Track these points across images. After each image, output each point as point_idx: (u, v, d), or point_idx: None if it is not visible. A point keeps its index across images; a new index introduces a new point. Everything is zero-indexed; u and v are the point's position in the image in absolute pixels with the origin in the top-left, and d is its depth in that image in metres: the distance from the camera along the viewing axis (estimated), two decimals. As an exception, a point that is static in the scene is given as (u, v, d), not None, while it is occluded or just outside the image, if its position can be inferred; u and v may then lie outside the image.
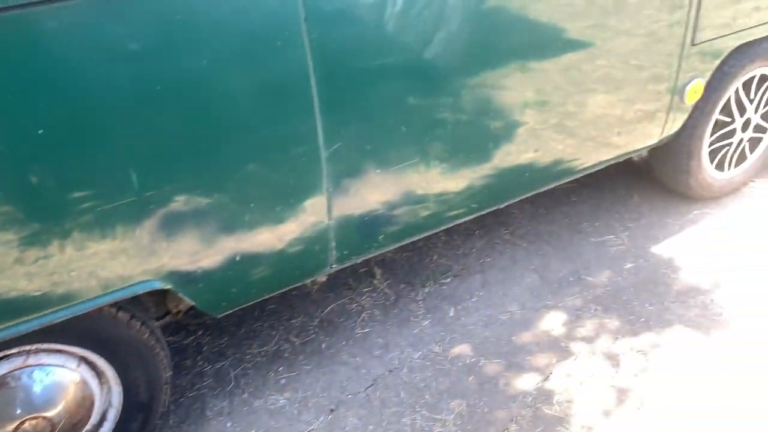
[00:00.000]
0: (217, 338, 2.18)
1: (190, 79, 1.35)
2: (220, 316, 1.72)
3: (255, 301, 1.77)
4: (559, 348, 2.02)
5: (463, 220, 2.04)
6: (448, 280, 2.33)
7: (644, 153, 2.39)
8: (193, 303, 1.62)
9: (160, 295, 1.77)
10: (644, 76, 2.06)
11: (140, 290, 1.49)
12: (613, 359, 1.96)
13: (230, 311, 1.74)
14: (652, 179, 2.62)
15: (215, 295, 1.65)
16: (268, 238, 1.62)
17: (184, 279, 1.55)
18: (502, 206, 2.15)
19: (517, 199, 2.16)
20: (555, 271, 2.31)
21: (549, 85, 1.91)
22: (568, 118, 2.01)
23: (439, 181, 1.85)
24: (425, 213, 1.89)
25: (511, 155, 1.96)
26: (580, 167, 2.18)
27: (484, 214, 2.41)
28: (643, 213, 2.55)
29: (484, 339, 2.08)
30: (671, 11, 1.97)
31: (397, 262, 2.42)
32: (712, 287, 2.18)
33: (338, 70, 1.52)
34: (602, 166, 2.25)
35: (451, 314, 2.18)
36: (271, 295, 1.80)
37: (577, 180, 2.67)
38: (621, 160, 2.28)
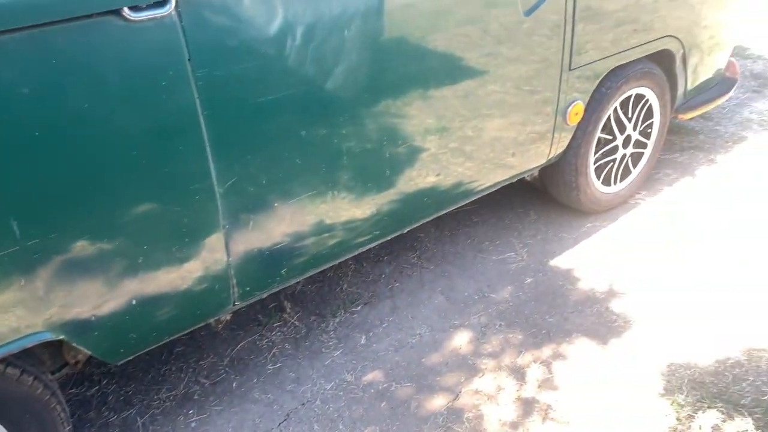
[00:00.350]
0: (123, 386, 2.11)
1: (71, 122, 1.33)
2: (120, 363, 1.67)
3: (157, 345, 1.73)
4: (467, 366, 2.07)
5: (370, 245, 2.08)
6: (359, 308, 2.35)
7: (536, 173, 2.51)
8: (89, 352, 1.57)
9: (56, 347, 1.71)
10: (533, 99, 2.18)
11: (29, 343, 1.43)
12: (518, 372, 2.03)
13: (131, 357, 1.69)
14: (546, 196, 2.75)
15: (112, 343, 1.60)
16: (165, 279, 1.59)
17: (78, 328, 1.50)
18: (408, 230, 2.20)
19: (422, 222, 2.22)
20: (460, 291, 2.38)
21: (448, 111, 1.99)
22: (466, 142, 2.09)
23: (345, 209, 1.88)
24: (331, 242, 1.92)
25: (414, 180, 2.02)
26: (479, 188, 2.27)
27: (391, 240, 2.47)
28: (540, 229, 2.67)
29: (395, 364, 2.10)
30: (550, 39, 2.10)
31: (307, 294, 2.42)
32: (607, 296, 2.30)
33: (227, 106, 1.53)
34: (499, 186, 2.35)
35: (362, 342, 2.20)
36: (174, 337, 1.76)
37: (478, 201, 2.77)
38: (515, 179, 2.38)
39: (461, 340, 2.17)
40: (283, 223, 1.76)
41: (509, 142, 2.21)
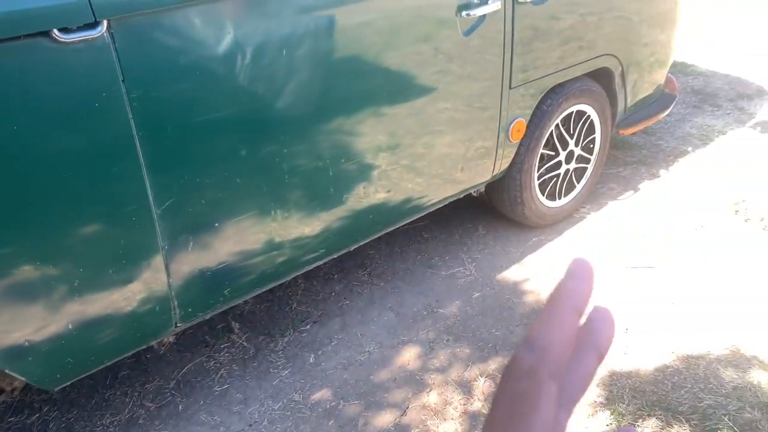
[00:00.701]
0: (66, 413, 2.06)
1: (2, 145, 1.31)
2: (56, 389, 1.64)
3: (97, 370, 1.70)
4: (414, 381, 2.08)
5: (318, 263, 2.09)
6: (308, 326, 2.35)
7: (482, 188, 2.55)
8: (23, 379, 1.54)
9: (-10, 374, 1.66)
10: (478, 117, 2.23)
11: (-43, 371, 1.40)
12: (465, 386, 2.05)
13: (69, 383, 1.66)
14: (495, 212, 2.80)
15: (48, 368, 1.57)
16: (103, 302, 1.57)
17: (10, 354, 1.47)
18: (358, 246, 2.21)
19: (372, 238, 2.24)
20: (409, 307, 2.39)
21: (401, 128, 2.02)
22: (417, 159, 2.13)
23: (290, 227, 1.88)
24: (276, 261, 1.91)
25: (365, 197, 2.04)
26: (429, 203, 2.30)
27: (342, 258, 2.48)
28: (488, 243, 2.71)
29: (343, 381, 2.10)
30: (491, 58, 2.15)
31: (256, 314, 2.41)
32: (552, 308, 2.34)
33: (163, 127, 1.53)
34: (447, 202, 2.38)
35: (311, 361, 2.20)
36: (114, 361, 1.74)
37: (428, 218, 2.80)
38: (463, 195, 2.42)
39: (409, 355, 2.18)
40: (225, 243, 1.75)
41: (458, 158, 2.25)
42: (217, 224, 1.71)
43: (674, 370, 2.05)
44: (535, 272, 2.53)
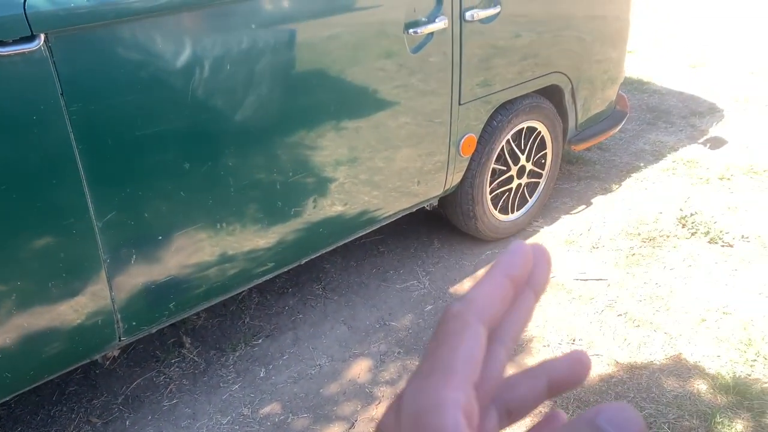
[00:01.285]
0: (10, 429, 2.02)
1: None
2: (-6, 405, 1.62)
3: (36, 385, 1.69)
4: (364, 394, 2.09)
5: (268, 276, 2.09)
6: (260, 341, 2.35)
7: (435, 202, 2.59)
8: (-42, 394, 1.52)
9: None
10: (430, 131, 2.27)
11: None
12: (413, 399, 2.06)
13: (7, 398, 1.64)
14: (451, 225, 2.83)
15: (-16, 383, 1.55)
16: (43, 316, 1.56)
17: (-57, 369, 1.45)
18: (311, 258, 2.22)
19: (327, 249, 2.25)
20: (362, 320, 2.41)
21: (349, 142, 2.05)
22: (376, 172, 2.16)
23: (237, 241, 1.89)
24: (223, 274, 1.92)
25: (322, 209, 2.06)
26: (384, 216, 2.32)
27: (297, 271, 2.49)
28: (443, 257, 2.75)
29: (293, 395, 2.11)
30: (440, 75, 2.20)
31: (208, 329, 2.40)
32: (502, 320, 2.37)
33: (104, 140, 1.53)
34: (401, 215, 2.41)
35: (261, 375, 2.20)
36: (55, 376, 1.72)
37: (385, 231, 2.82)
38: (417, 208, 2.45)
39: (360, 369, 2.19)
40: (170, 256, 1.75)
41: (413, 171, 2.28)
42: (160, 237, 1.71)
43: (618, 380, 2.09)
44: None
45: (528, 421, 0.35)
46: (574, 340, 2.26)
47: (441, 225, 2.92)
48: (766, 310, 2.35)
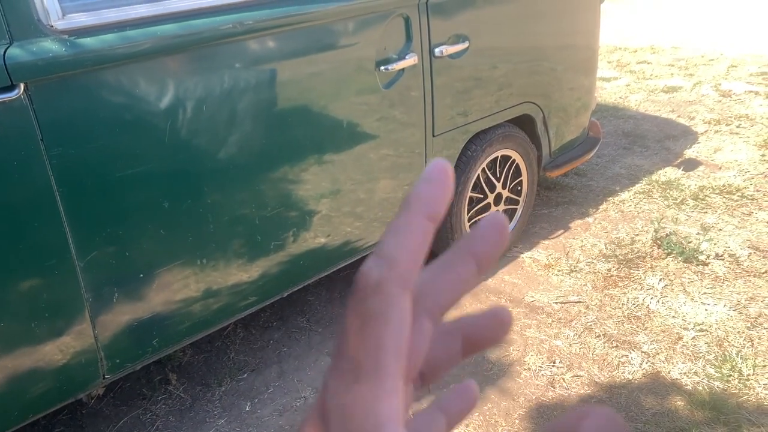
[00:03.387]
0: (-4, 475, 2.03)
1: None
2: (-21, 447, 1.63)
3: (19, 426, 1.70)
4: (348, 424, 2.11)
5: (251, 310, 2.12)
6: (245, 375, 2.37)
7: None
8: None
9: None
10: (405, 163, 2.33)
11: None
12: (397, 426, 2.09)
13: (-8, 440, 1.65)
14: (430, 255, 2.87)
15: (-32, 425, 1.57)
16: (26, 356, 1.59)
17: (-72, 412, 1.47)
18: (297, 289, 2.25)
19: (310, 281, 2.29)
20: (346, 351, 2.43)
21: (339, 175, 2.11)
22: (358, 204, 2.22)
23: (219, 276, 1.93)
24: (205, 309, 1.95)
25: (305, 242, 2.11)
26: (366, 246, 2.37)
27: (281, 305, 2.52)
28: (424, 286, 2.78)
29: (279, 428, 2.12)
30: (412, 108, 2.27)
31: (194, 365, 2.42)
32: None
33: (83, 183, 1.58)
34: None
35: (247, 409, 2.21)
36: (38, 416, 1.74)
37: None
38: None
39: (344, 399, 2.21)
40: (152, 293, 1.79)
41: (394, 201, 2.34)
42: (142, 275, 1.75)
43: (598, 400, 2.12)
44: (468, 311, 2.60)
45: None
46: (554, 362, 2.30)
47: (422, 254, 2.96)
48: (741, 326, 2.40)
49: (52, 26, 1.50)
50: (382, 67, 2.12)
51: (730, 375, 2.17)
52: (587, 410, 0.24)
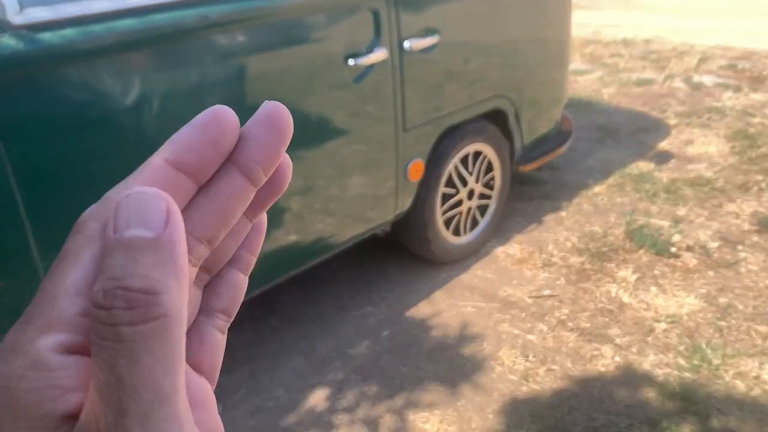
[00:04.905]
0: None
1: None
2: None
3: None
4: (322, 423, 2.10)
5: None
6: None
7: (388, 228, 2.62)
8: None
9: None
10: (378, 159, 2.32)
11: None
12: (371, 423, 2.08)
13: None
14: (405, 250, 2.87)
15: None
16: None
17: None
18: (268, 288, 2.23)
19: (282, 279, 2.26)
20: (319, 350, 2.42)
21: (315, 171, 2.09)
22: (330, 200, 2.20)
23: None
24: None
25: (276, 240, 2.08)
26: (338, 242, 2.35)
27: (253, 305, 2.49)
28: (398, 282, 2.78)
29: (251, 429, 2.10)
30: (383, 103, 2.25)
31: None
32: (458, 342, 2.41)
33: (47, 182, 1.54)
34: (354, 241, 2.44)
35: (218, 410, 2.18)
36: None
37: (340, 260, 2.85)
38: (369, 234, 2.49)
39: (318, 398, 2.20)
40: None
41: (366, 197, 2.32)
42: (107, 276, 1.71)
43: (571, 393, 2.13)
44: (442, 307, 2.60)
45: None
46: (527, 357, 2.30)
47: (396, 250, 2.95)
48: (711, 317, 2.43)
49: (9, 21, 1.46)
50: (351, 62, 2.09)
51: (700, 365, 2.19)
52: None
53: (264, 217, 0.30)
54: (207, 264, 0.28)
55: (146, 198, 0.22)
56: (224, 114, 0.25)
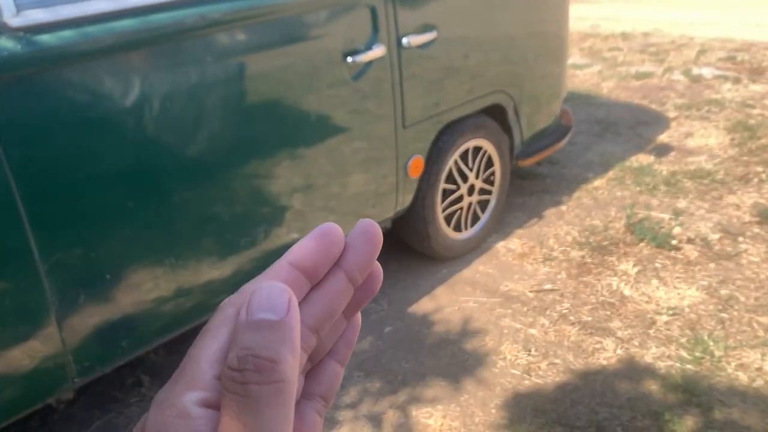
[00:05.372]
0: (-34, 484, 1.99)
1: None
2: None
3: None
4: (326, 420, 2.10)
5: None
6: (221, 373, 2.34)
7: (388, 224, 2.63)
8: None
9: None
10: (378, 156, 2.32)
11: None
12: (374, 419, 2.08)
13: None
14: (406, 247, 2.87)
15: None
16: (-10, 363, 1.56)
17: None
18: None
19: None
20: (322, 347, 2.42)
21: (315, 169, 2.09)
22: (331, 198, 2.20)
23: (189, 275, 1.90)
24: (176, 309, 1.92)
25: (277, 237, 2.09)
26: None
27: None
28: (400, 278, 2.78)
29: (255, 425, 2.10)
30: (382, 100, 2.25)
31: (166, 366, 2.39)
32: (460, 337, 2.41)
33: (45, 184, 1.54)
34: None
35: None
36: (5, 423, 1.70)
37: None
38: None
39: (321, 394, 2.20)
40: (119, 295, 1.76)
41: (367, 194, 2.32)
42: (109, 276, 1.72)
43: (573, 387, 2.14)
44: (444, 302, 2.61)
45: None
46: (529, 351, 2.31)
47: (397, 247, 2.96)
48: (712, 308, 2.43)
49: (6, 24, 1.46)
50: (350, 59, 2.09)
51: (703, 357, 2.19)
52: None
53: (359, 316, 0.37)
54: (311, 353, 0.34)
55: (274, 290, 0.28)
56: (334, 229, 0.32)
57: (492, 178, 2.91)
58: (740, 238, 2.86)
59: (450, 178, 2.70)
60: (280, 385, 0.26)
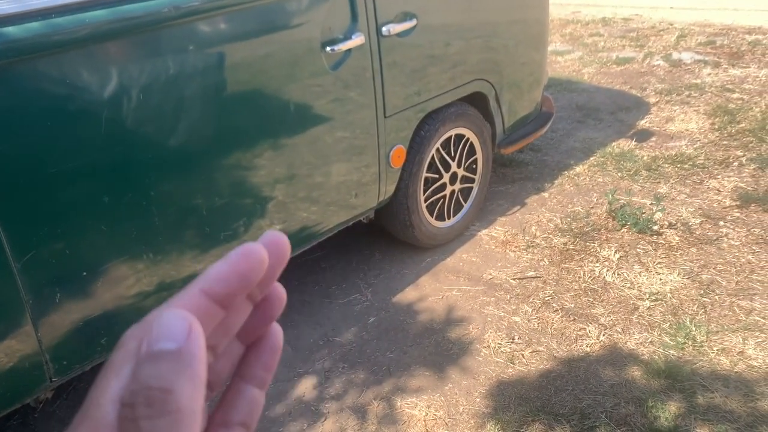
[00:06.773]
0: (-55, 486, 1.96)
1: None
2: None
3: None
4: (310, 412, 2.09)
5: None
6: (204, 367, 2.32)
7: (372, 215, 2.61)
8: None
9: None
10: (359, 146, 2.29)
11: None
12: (360, 411, 2.08)
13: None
14: (391, 237, 2.86)
15: None
16: (-36, 364, 1.52)
17: None
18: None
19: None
20: (306, 339, 2.41)
21: (297, 159, 2.06)
22: (314, 188, 2.17)
23: (169, 270, 1.87)
24: (159, 303, 1.89)
25: (259, 229, 2.05)
26: (323, 231, 2.33)
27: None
28: (384, 268, 2.77)
29: (239, 420, 2.09)
30: (363, 90, 2.23)
31: (149, 360, 2.36)
32: (444, 326, 2.41)
33: (15, 180, 1.50)
34: (339, 229, 2.42)
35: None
36: (-17, 424, 1.67)
37: (327, 248, 2.83)
38: (354, 221, 2.47)
39: (305, 387, 2.19)
40: (96, 292, 1.73)
41: (350, 184, 2.30)
42: (85, 273, 1.68)
43: (557, 374, 2.14)
44: (428, 291, 2.60)
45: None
46: (513, 339, 2.31)
47: (381, 237, 2.94)
48: (694, 293, 2.44)
49: (-28, 15, 1.42)
50: (328, 48, 2.06)
51: (685, 342, 2.21)
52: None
53: (279, 338, 0.36)
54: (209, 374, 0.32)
55: (173, 318, 0.26)
56: (256, 250, 0.29)
57: (474, 166, 2.89)
58: (721, 223, 2.88)
59: (432, 167, 2.68)
60: (175, 416, 0.25)
